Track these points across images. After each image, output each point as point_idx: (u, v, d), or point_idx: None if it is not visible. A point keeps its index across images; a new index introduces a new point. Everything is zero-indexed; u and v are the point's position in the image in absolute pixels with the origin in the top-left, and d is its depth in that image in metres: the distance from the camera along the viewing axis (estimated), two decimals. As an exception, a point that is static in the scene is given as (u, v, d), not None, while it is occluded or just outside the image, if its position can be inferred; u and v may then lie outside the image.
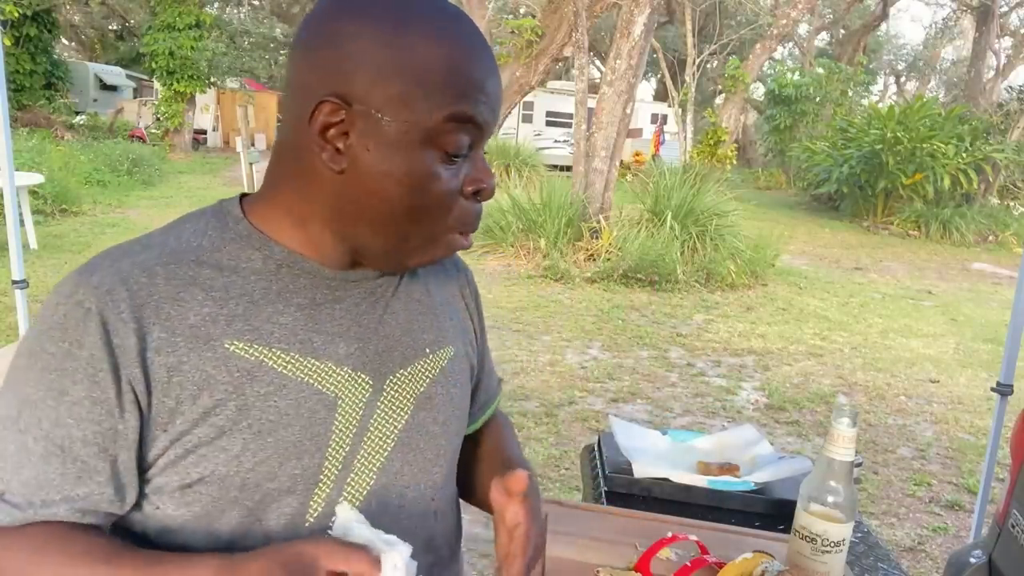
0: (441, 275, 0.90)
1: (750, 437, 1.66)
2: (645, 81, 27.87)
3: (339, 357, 0.75)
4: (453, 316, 0.89)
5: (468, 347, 0.91)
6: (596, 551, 1.19)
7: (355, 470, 0.75)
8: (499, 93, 0.72)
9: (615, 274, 7.43)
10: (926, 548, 3.07)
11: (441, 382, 0.83)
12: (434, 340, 0.84)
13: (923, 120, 13.14)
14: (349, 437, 0.75)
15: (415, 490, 0.79)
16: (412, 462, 0.79)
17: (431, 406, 0.82)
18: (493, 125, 0.73)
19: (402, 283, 0.83)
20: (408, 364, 0.80)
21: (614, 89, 8.17)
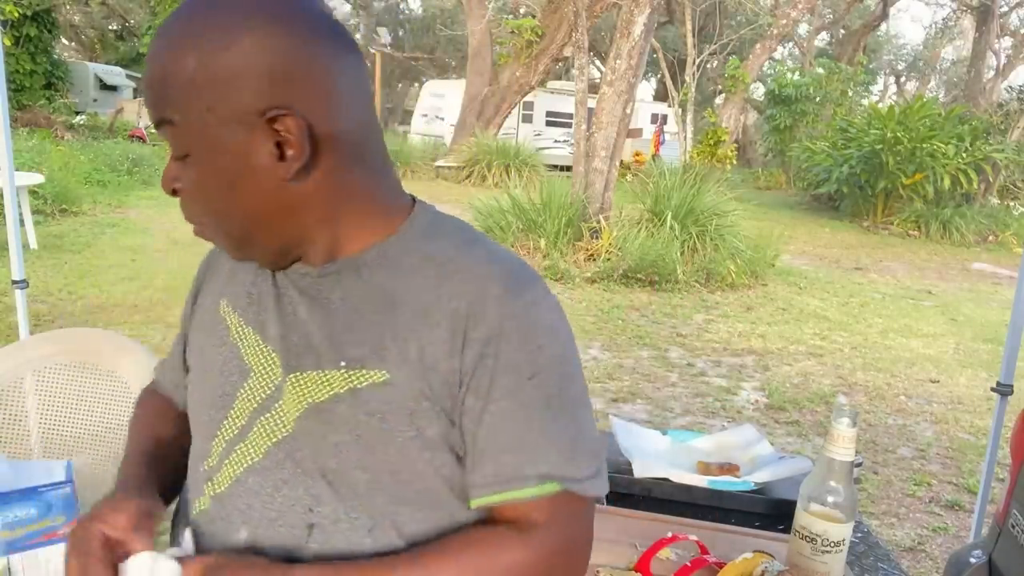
0: (426, 306, 0.77)
1: (750, 437, 1.66)
2: (645, 81, 27.87)
3: (266, 335, 0.82)
4: (416, 348, 0.76)
5: (428, 392, 0.75)
6: (596, 551, 1.18)
7: (247, 441, 0.80)
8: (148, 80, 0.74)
9: (615, 274, 7.43)
10: (926, 548, 3.07)
11: (348, 402, 0.76)
12: (358, 357, 0.76)
13: (923, 120, 13.13)
14: (250, 410, 0.81)
15: (291, 489, 0.78)
16: (296, 461, 0.78)
17: (326, 420, 0.77)
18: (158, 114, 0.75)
19: (349, 289, 0.79)
20: (318, 368, 0.78)
21: (614, 89, 8.17)
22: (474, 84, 16.64)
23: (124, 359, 1.83)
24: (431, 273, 0.78)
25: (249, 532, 0.78)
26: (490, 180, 14.16)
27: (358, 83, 0.78)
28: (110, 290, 5.86)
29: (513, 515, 0.76)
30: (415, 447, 0.75)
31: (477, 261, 0.79)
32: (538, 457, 0.75)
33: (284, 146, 0.73)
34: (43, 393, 1.84)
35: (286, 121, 0.72)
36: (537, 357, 0.76)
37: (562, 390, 0.77)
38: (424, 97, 21.51)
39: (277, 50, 0.71)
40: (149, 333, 4.86)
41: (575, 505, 0.77)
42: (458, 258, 0.79)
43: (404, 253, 0.80)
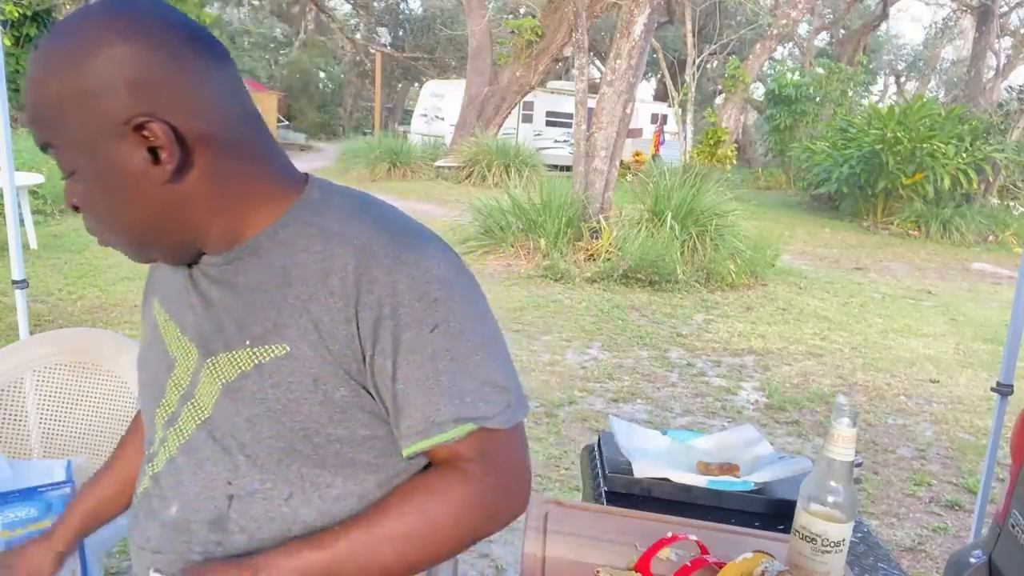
0: (317, 278, 0.80)
1: (750, 437, 1.66)
2: (645, 81, 27.87)
3: (185, 326, 0.88)
4: (311, 320, 0.80)
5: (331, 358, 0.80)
6: (596, 551, 1.19)
7: (176, 425, 0.87)
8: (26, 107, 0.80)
9: (615, 274, 7.43)
10: (926, 548, 3.07)
11: (254, 377, 0.81)
12: (260, 334, 0.81)
13: (923, 120, 13.13)
14: (176, 397, 0.87)
15: (212, 465, 0.84)
16: (216, 440, 0.84)
17: (237, 398, 0.82)
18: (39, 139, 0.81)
19: (250, 273, 0.84)
20: (228, 350, 0.83)
21: (614, 89, 8.17)
22: (474, 84, 16.63)
23: (124, 359, 1.83)
24: (320, 246, 0.82)
25: (179, 506, 0.86)
26: (490, 180, 14.15)
27: (224, 81, 0.81)
28: (110, 290, 5.87)
29: (445, 456, 0.83)
30: (325, 412, 0.81)
31: (363, 228, 0.82)
32: (449, 403, 0.80)
33: (157, 151, 0.77)
34: (43, 393, 1.84)
35: (152, 127, 0.76)
36: (435, 309, 0.80)
37: (465, 336, 0.81)
38: (424, 97, 21.50)
39: (133, 61, 0.75)
40: (149, 333, 4.85)
41: (498, 438, 0.83)
42: (345, 228, 0.82)
43: (296, 230, 0.84)
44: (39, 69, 0.78)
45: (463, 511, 0.82)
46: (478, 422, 0.81)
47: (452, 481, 0.82)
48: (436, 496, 0.82)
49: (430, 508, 0.81)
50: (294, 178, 0.88)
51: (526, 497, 0.86)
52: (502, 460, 0.84)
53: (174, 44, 0.77)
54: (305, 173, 0.90)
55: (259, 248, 0.84)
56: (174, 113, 0.77)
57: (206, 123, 0.79)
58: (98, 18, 0.77)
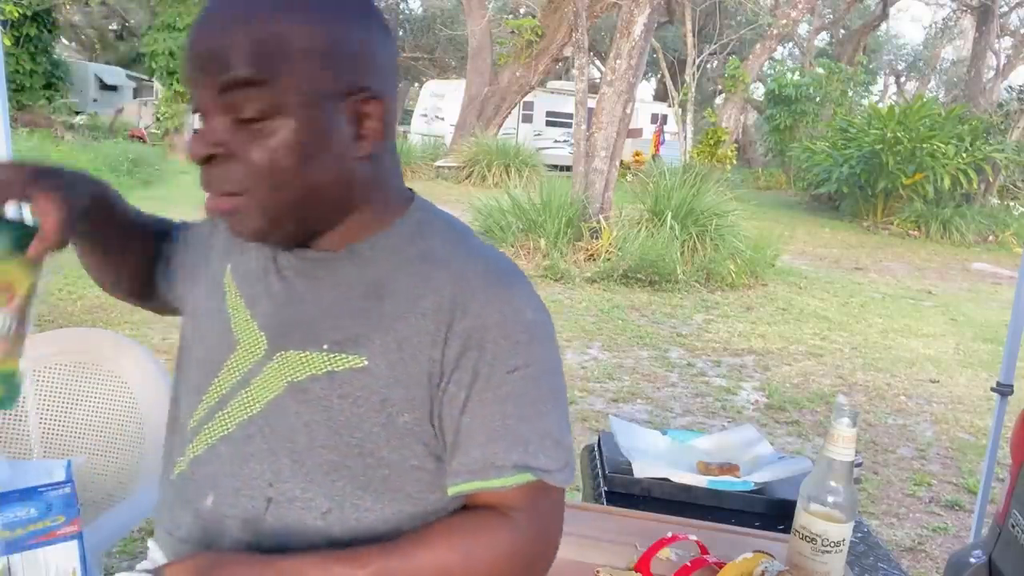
0: (410, 298, 0.79)
1: (750, 437, 1.66)
2: (645, 81, 27.87)
3: (256, 311, 0.85)
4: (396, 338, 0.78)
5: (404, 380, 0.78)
6: (596, 551, 1.19)
7: (225, 411, 0.84)
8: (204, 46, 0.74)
9: (615, 274, 7.43)
10: (926, 548, 3.07)
11: (323, 384, 0.79)
12: (340, 341, 0.79)
13: (923, 120, 13.13)
14: (232, 381, 0.84)
15: (256, 463, 0.81)
16: (266, 437, 0.81)
17: (301, 400, 0.80)
18: (197, 82, 0.75)
19: (345, 276, 0.82)
20: (301, 348, 0.81)
21: (614, 89, 8.17)
22: (474, 84, 16.63)
23: (124, 359, 1.83)
24: (419, 268, 0.81)
25: (214, 499, 0.82)
26: (490, 180, 14.15)
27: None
28: (110, 290, 5.86)
29: (492, 501, 0.79)
30: (383, 435, 0.78)
31: (463, 257, 0.82)
32: (515, 448, 0.78)
33: (363, 126, 0.77)
34: (43, 393, 1.84)
35: (371, 103, 0.77)
36: (517, 351, 0.78)
37: (540, 385, 0.80)
38: (424, 97, 21.50)
39: (369, 36, 0.78)
40: (149, 333, 4.86)
41: (549, 494, 0.81)
42: (445, 254, 0.82)
43: (396, 245, 0.83)
44: (286, 4, 0.74)
45: (502, 559, 0.78)
46: (537, 474, 0.78)
47: (497, 527, 0.79)
48: (479, 539, 0.78)
49: (471, 549, 0.78)
50: (405, 194, 0.88)
51: (552, 560, 0.84)
52: (547, 515, 0.82)
53: (389, 33, 0.81)
54: (410, 189, 0.88)
55: (358, 254, 0.83)
56: (388, 98, 0.79)
57: (394, 117, 0.82)
58: None
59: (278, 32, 0.73)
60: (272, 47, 0.72)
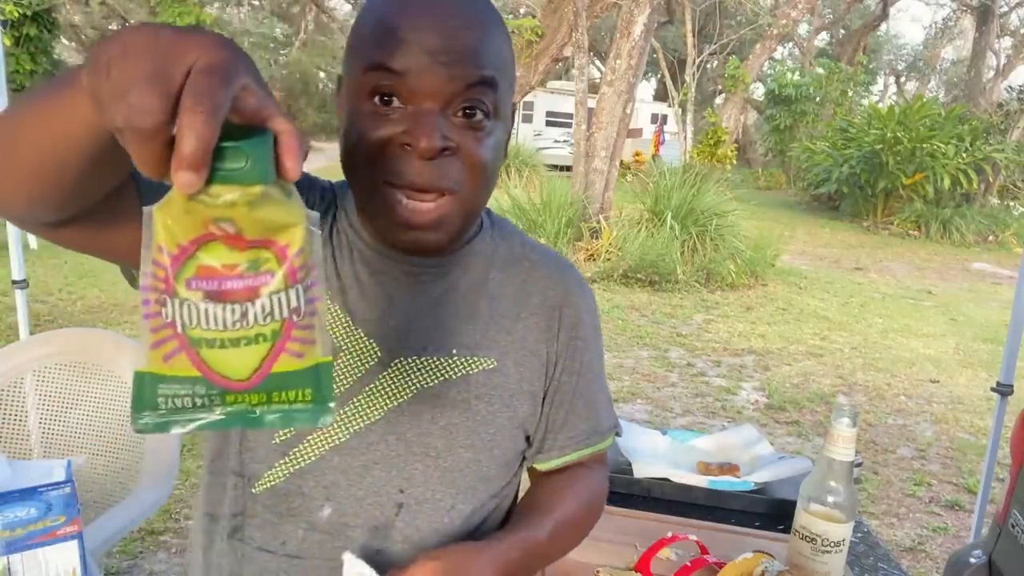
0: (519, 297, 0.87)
1: (750, 437, 1.66)
2: (645, 81, 27.87)
3: (358, 318, 0.81)
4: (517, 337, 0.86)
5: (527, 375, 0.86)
6: (596, 551, 1.19)
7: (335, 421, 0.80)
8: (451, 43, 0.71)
9: (615, 274, 7.43)
10: (926, 548, 3.07)
11: (460, 387, 0.82)
12: (468, 344, 0.83)
13: (923, 120, 13.13)
14: (339, 389, 0.80)
15: (383, 470, 0.80)
16: (391, 444, 0.80)
17: (436, 404, 0.81)
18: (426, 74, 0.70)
19: (454, 280, 0.84)
20: (425, 354, 0.81)
21: (614, 89, 8.17)
22: (474, 84, 16.61)
23: (124, 359, 1.83)
24: (516, 269, 0.89)
25: (334, 509, 0.79)
26: (490, 180, 14.15)
27: None
28: (110, 290, 5.86)
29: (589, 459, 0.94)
30: (509, 426, 0.86)
31: (548, 257, 0.92)
32: (607, 415, 0.95)
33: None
34: (43, 393, 1.84)
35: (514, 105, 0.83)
36: (598, 333, 0.95)
37: (602, 359, 0.96)
38: (424, 97, 21.48)
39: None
40: (149, 333, 4.85)
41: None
42: (532, 253, 0.91)
43: (487, 248, 0.88)
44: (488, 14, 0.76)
45: (601, 505, 0.96)
46: (615, 430, 0.96)
47: (600, 479, 0.96)
48: (595, 490, 0.94)
49: (590, 499, 0.93)
50: None
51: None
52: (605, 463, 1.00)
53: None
54: None
55: (461, 259, 0.85)
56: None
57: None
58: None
59: (502, 40, 0.77)
60: (503, 52, 0.77)
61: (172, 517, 2.81)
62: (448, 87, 0.71)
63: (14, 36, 15.72)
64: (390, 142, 0.72)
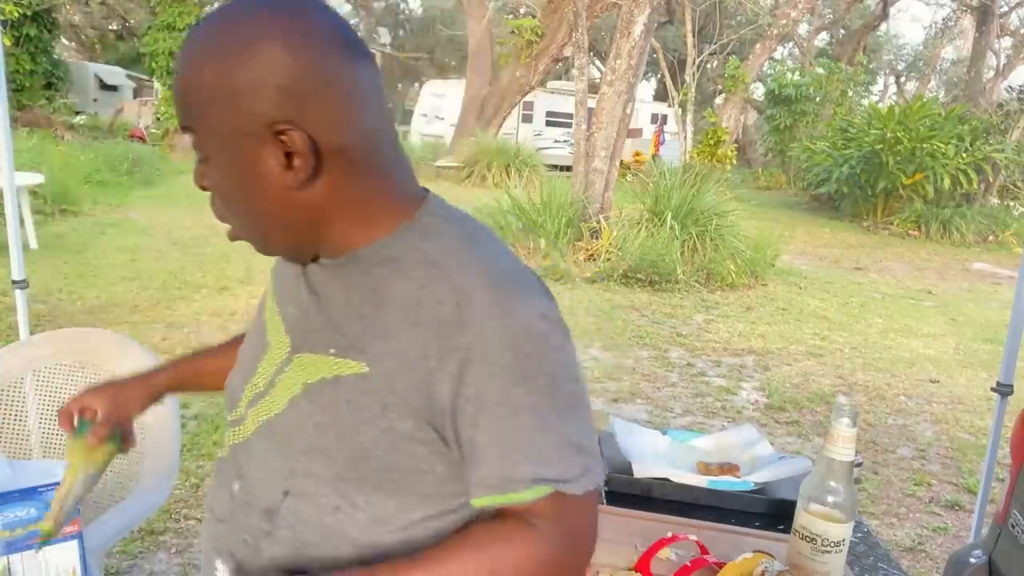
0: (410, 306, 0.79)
1: (750, 437, 1.66)
2: (645, 81, 27.86)
3: (285, 318, 0.91)
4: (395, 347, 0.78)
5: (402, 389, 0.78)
6: (596, 551, 1.19)
7: (258, 407, 0.88)
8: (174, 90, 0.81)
9: (615, 274, 7.43)
10: (926, 548, 3.07)
11: (331, 386, 0.81)
12: (344, 346, 0.81)
13: (923, 120, 13.13)
14: (264, 380, 0.89)
15: (276, 457, 0.85)
16: (284, 436, 0.85)
17: (314, 401, 0.83)
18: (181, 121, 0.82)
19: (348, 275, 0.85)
20: (313, 351, 0.85)
21: (614, 89, 8.17)
22: (474, 84, 16.64)
23: (124, 359, 1.83)
24: (419, 274, 0.80)
25: (240, 485, 0.88)
26: (490, 180, 14.16)
27: (370, 93, 0.81)
28: (110, 290, 5.86)
29: (515, 510, 0.79)
30: (386, 440, 0.79)
31: (465, 264, 0.80)
32: (527, 461, 0.77)
33: (292, 157, 0.78)
34: (43, 393, 1.84)
35: (291, 135, 0.76)
36: (527, 363, 0.77)
37: (553, 393, 0.78)
38: (424, 97, 21.50)
39: (288, 66, 0.75)
40: (149, 333, 4.86)
41: (573, 501, 0.79)
42: (447, 260, 0.80)
43: (400, 252, 0.82)
44: (194, 54, 0.78)
45: (529, 568, 0.79)
46: (555, 485, 0.77)
47: (524, 537, 0.79)
48: (507, 548, 0.79)
49: (500, 558, 0.78)
50: (412, 196, 0.87)
51: (589, 560, 0.84)
52: (575, 523, 0.81)
53: (328, 53, 0.78)
54: (425, 191, 0.89)
55: (362, 261, 0.83)
56: (315, 124, 0.77)
57: (343, 136, 0.79)
58: (263, 12, 0.77)
59: (196, 80, 0.77)
60: (192, 95, 0.78)
61: (172, 517, 2.81)
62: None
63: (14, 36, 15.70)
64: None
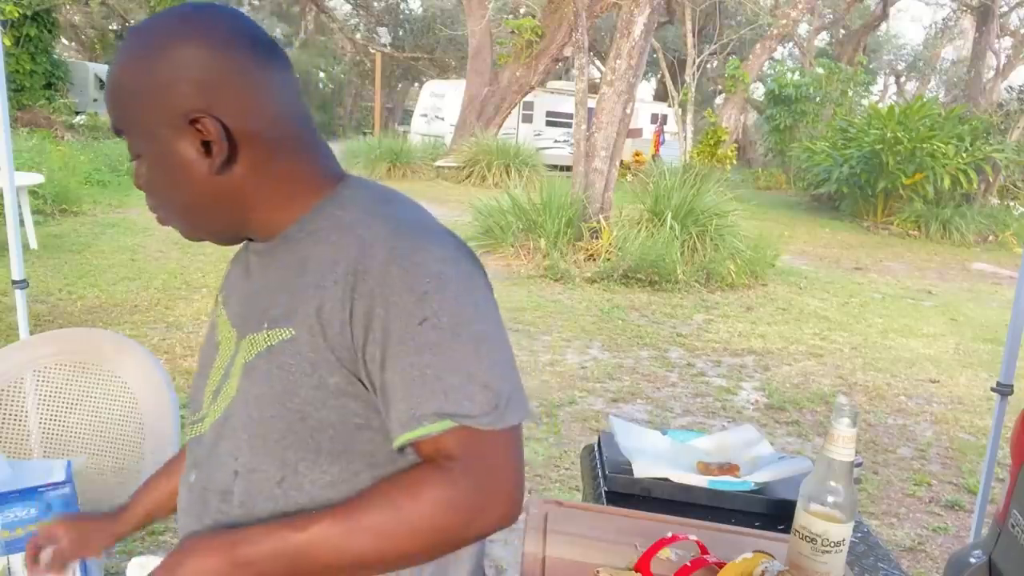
0: (326, 266, 0.84)
1: (750, 437, 1.66)
2: (645, 81, 27.86)
3: (229, 311, 0.98)
4: (315, 306, 0.83)
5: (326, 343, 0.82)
6: (596, 551, 1.19)
7: (216, 402, 0.94)
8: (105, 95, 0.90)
9: (615, 274, 7.43)
10: (926, 548, 3.07)
11: (265, 358, 0.87)
12: (275, 318, 0.87)
13: (923, 120, 13.13)
14: (218, 378, 0.94)
15: (225, 441, 0.91)
16: (234, 417, 0.90)
17: (251, 377, 0.88)
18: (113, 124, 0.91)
19: (280, 259, 0.92)
20: (252, 332, 0.90)
21: (614, 89, 8.17)
22: (474, 84, 16.63)
23: (124, 359, 1.83)
24: (336, 237, 0.87)
25: (197, 475, 0.94)
26: (490, 180, 14.16)
27: (280, 86, 0.91)
28: (110, 290, 5.86)
29: (428, 452, 0.81)
30: (319, 396, 0.84)
31: (372, 220, 0.87)
32: (432, 397, 0.79)
33: (210, 144, 0.86)
34: (43, 393, 1.84)
35: (204, 122, 0.85)
36: (425, 302, 0.80)
37: (455, 332, 0.80)
38: (424, 97, 21.49)
39: (201, 61, 0.85)
40: (149, 333, 4.86)
41: (484, 439, 0.80)
42: (356, 220, 0.87)
43: (320, 223, 0.90)
44: (119, 60, 0.87)
45: (437, 512, 0.79)
46: (458, 419, 0.78)
47: (430, 480, 0.79)
48: (410, 493, 0.79)
49: (403, 505, 0.79)
50: (332, 175, 0.95)
51: (512, 507, 0.81)
52: (486, 463, 0.80)
53: (237, 50, 0.87)
54: (343, 171, 0.97)
55: (290, 238, 0.91)
56: (227, 112, 0.86)
57: (255, 123, 0.88)
58: (174, 20, 0.87)
59: (121, 81, 0.87)
60: (119, 95, 0.88)
61: (172, 517, 2.81)
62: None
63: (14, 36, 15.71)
64: None
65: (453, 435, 0.79)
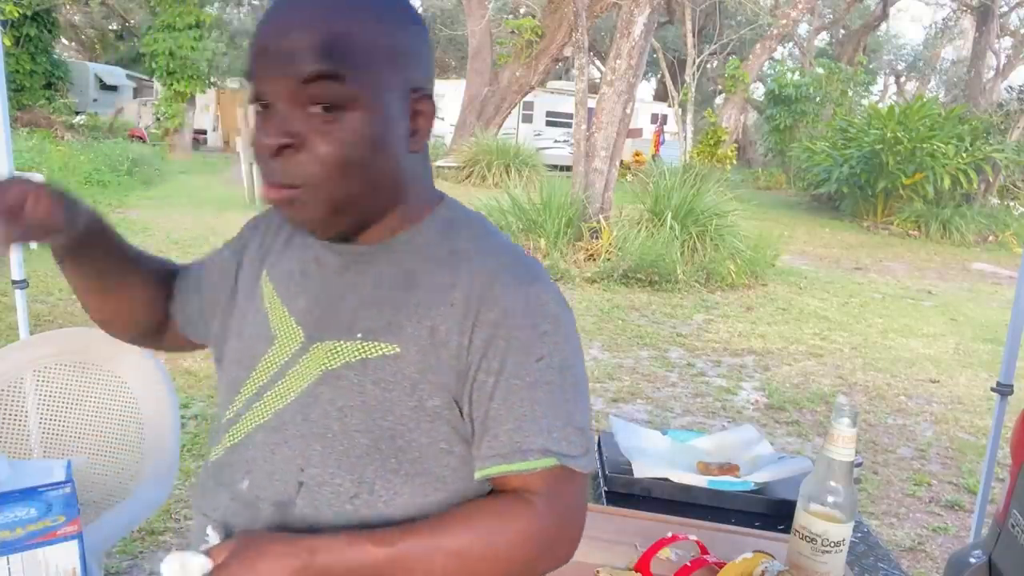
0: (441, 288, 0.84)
1: (750, 437, 1.66)
2: (645, 81, 27.86)
3: (293, 308, 0.91)
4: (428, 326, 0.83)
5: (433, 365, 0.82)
6: (596, 551, 1.19)
7: (262, 400, 0.89)
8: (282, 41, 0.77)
9: (615, 274, 7.43)
10: (926, 548, 3.07)
11: (357, 370, 0.84)
12: (373, 329, 0.85)
13: (923, 120, 13.13)
14: (269, 373, 0.89)
15: (288, 448, 0.85)
16: (298, 425, 0.86)
17: (335, 386, 0.84)
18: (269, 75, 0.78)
19: (380, 269, 0.88)
20: (336, 338, 0.86)
21: (614, 89, 8.17)
22: (474, 84, 16.63)
23: (124, 359, 1.83)
24: (449, 260, 0.86)
25: (250, 482, 0.87)
26: (490, 180, 14.16)
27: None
28: (110, 290, 5.85)
29: (516, 485, 0.82)
30: (414, 417, 0.83)
31: (490, 250, 0.88)
32: (540, 433, 0.81)
33: (416, 122, 0.85)
34: (43, 393, 1.84)
35: (425, 101, 0.85)
36: (543, 341, 0.83)
37: (565, 375, 0.83)
38: (424, 97, 21.47)
39: (421, 39, 0.86)
40: (149, 333, 4.85)
41: (571, 479, 0.83)
42: (474, 247, 0.87)
43: (429, 239, 0.89)
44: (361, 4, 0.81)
45: (521, 542, 0.81)
46: (562, 459, 0.81)
47: (518, 511, 0.81)
48: (500, 521, 0.81)
49: (492, 531, 0.80)
50: (435, 192, 0.94)
51: (575, 545, 0.85)
52: (568, 501, 0.84)
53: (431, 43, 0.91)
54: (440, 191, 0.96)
55: (392, 249, 0.88)
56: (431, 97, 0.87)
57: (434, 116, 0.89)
58: None
59: (353, 30, 0.79)
60: (349, 43, 0.78)
61: (172, 517, 2.81)
62: (280, 86, 0.78)
63: (14, 36, 15.72)
64: (256, 143, 0.80)
65: (546, 472, 0.81)
